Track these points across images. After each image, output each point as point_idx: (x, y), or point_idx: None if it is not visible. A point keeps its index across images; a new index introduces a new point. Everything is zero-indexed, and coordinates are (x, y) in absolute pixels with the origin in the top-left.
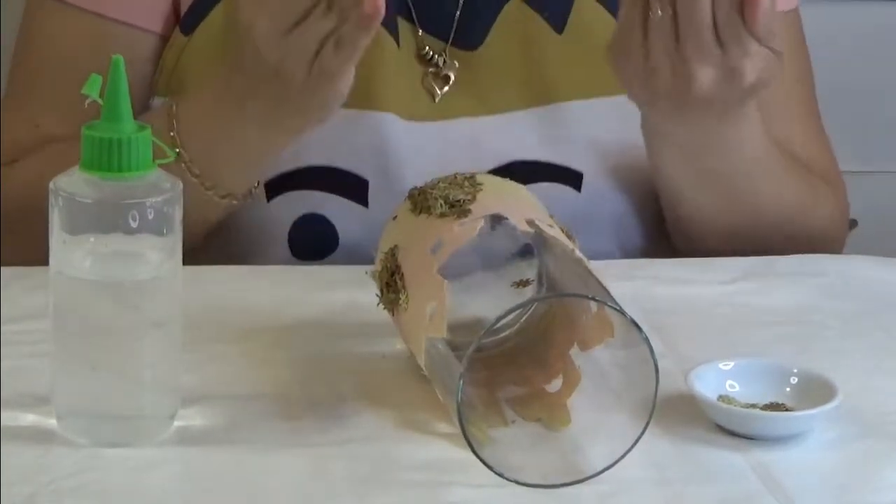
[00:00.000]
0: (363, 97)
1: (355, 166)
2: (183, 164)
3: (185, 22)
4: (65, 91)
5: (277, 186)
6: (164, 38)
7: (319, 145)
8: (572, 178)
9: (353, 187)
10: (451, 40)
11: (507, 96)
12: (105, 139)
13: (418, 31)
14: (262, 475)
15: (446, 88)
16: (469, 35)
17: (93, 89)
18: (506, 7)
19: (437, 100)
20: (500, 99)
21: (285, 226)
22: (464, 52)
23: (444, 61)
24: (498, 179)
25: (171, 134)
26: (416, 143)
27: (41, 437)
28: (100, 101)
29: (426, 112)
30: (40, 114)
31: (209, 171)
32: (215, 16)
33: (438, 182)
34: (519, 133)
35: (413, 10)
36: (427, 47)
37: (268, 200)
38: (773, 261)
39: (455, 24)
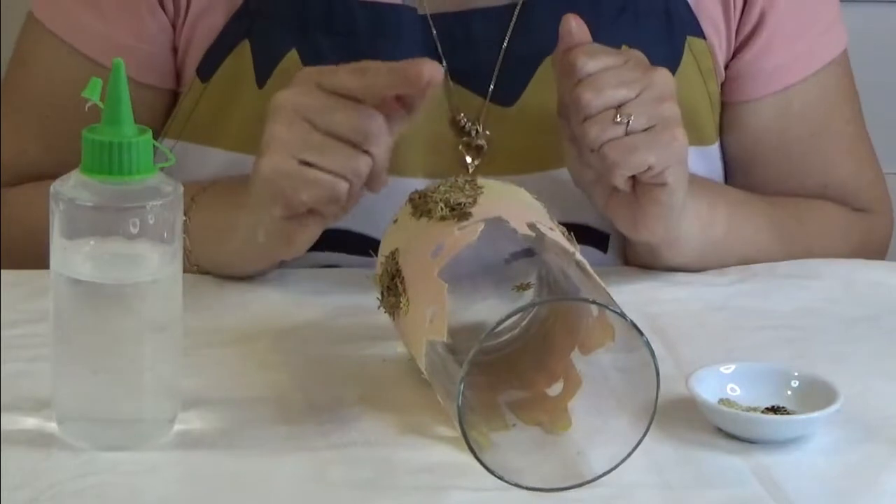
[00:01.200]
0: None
1: (373, 230)
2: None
3: (203, 69)
4: (52, 124)
5: None
6: (157, 91)
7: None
8: (598, 239)
9: (369, 249)
10: (489, 97)
11: (540, 155)
12: (106, 142)
13: (451, 88)
14: (262, 479)
15: (478, 159)
16: (505, 92)
17: (93, 93)
18: (543, 63)
19: (470, 170)
20: (534, 158)
21: None
22: (499, 108)
23: (478, 130)
24: (499, 183)
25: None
26: None
27: (42, 441)
28: (100, 104)
29: (454, 173)
30: (28, 141)
31: (211, 266)
32: (228, 64)
33: (439, 185)
34: (552, 192)
35: (446, 66)
36: (462, 114)
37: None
38: (773, 264)
39: (494, 79)
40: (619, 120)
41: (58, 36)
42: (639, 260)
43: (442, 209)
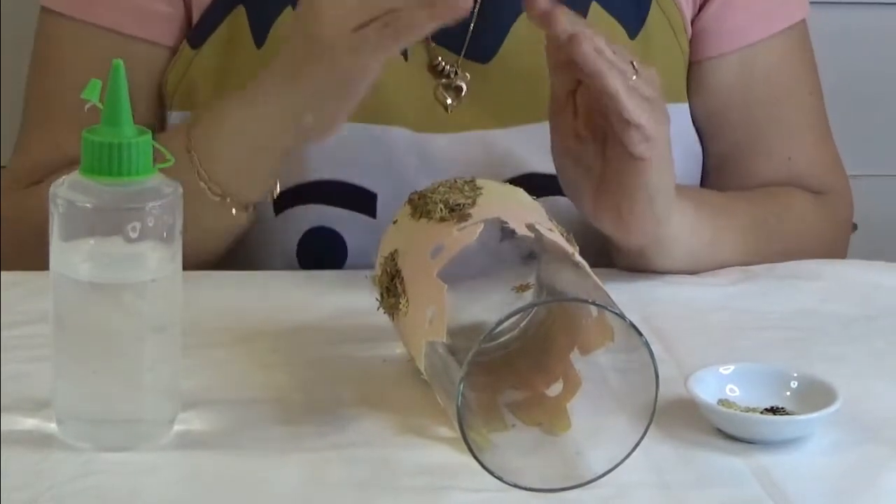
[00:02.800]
0: (370, 111)
1: (363, 180)
2: (199, 179)
3: (194, 36)
4: (84, 107)
5: (285, 200)
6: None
7: (327, 159)
8: None
9: (360, 200)
10: (463, 52)
11: (519, 109)
12: (105, 143)
13: (430, 44)
14: (261, 479)
15: (458, 101)
16: (482, 48)
17: (93, 94)
18: (518, 20)
19: (449, 111)
20: (513, 112)
21: (293, 239)
22: (476, 64)
23: (456, 72)
24: (498, 184)
25: (190, 153)
26: (427, 155)
27: (41, 441)
28: (100, 105)
29: (438, 124)
30: (61, 133)
31: (226, 179)
32: (223, 30)
33: (438, 186)
34: (532, 146)
35: None
36: (440, 58)
37: (275, 214)
38: (772, 265)
39: (468, 37)
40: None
41: (72, 17)
42: (627, 265)
43: (441, 210)
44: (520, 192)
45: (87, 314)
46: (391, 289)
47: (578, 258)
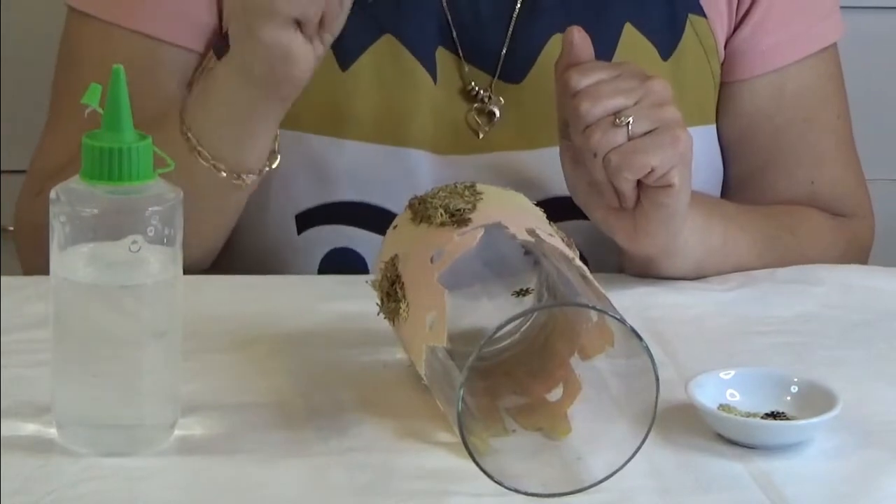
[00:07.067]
0: (393, 133)
1: (386, 202)
2: (201, 158)
3: (218, 47)
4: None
5: (308, 220)
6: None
7: (350, 181)
8: None
9: (383, 222)
10: (498, 73)
11: (548, 130)
12: (105, 148)
13: (464, 67)
14: (262, 484)
15: (490, 126)
16: (515, 68)
17: (93, 99)
18: (550, 40)
19: (481, 136)
20: (542, 134)
21: (315, 259)
22: (509, 84)
23: (490, 97)
24: (498, 189)
25: (186, 134)
26: (451, 177)
27: (41, 446)
28: (100, 110)
29: (465, 146)
30: (77, 136)
31: (225, 150)
32: None
33: (439, 191)
34: (558, 169)
35: (458, 44)
36: (472, 83)
37: (298, 234)
38: (772, 270)
39: (502, 57)
40: (618, 123)
41: (103, 20)
42: (636, 271)
43: (441, 215)
44: (520, 198)
45: (87, 318)
46: (391, 294)
47: (579, 263)
